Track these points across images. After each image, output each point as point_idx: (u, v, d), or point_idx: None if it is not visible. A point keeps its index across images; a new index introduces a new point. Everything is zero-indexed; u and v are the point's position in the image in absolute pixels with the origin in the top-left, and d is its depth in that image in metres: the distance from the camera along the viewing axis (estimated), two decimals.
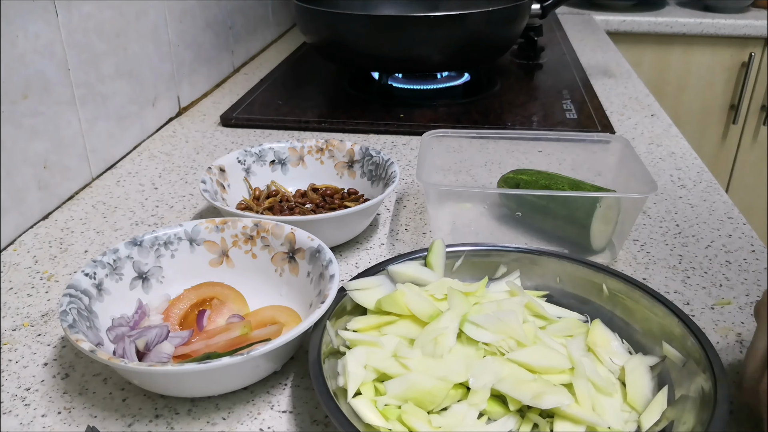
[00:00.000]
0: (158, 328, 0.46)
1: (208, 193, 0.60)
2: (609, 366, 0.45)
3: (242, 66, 1.20)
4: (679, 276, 0.57)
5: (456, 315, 0.45)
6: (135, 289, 0.50)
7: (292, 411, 0.43)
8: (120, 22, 0.78)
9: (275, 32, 1.38)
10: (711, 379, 0.39)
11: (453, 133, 0.70)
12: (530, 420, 0.41)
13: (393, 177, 0.63)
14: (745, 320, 0.52)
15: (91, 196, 0.72)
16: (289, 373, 0.46)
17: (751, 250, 0.61)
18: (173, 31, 0.92)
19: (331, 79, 1.11)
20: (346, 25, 0.92)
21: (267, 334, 0.46)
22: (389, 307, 0.47)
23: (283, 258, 0.52)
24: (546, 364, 0.42)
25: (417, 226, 0.66)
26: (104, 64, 0.76)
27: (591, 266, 0.50)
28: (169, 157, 0.82)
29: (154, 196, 0.72)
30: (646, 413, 0.41)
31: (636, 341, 0.47)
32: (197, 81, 1.02)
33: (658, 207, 0.69)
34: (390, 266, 0.50)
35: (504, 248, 0.53)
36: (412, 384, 0.41)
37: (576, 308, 0.50)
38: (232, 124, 0.92)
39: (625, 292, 0.48)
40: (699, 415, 0.38)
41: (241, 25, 1.18)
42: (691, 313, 0.53)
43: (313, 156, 0.71)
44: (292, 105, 0.98)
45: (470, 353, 0.44)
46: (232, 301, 0.51)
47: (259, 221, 0.54)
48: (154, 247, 0.52)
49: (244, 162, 0.68)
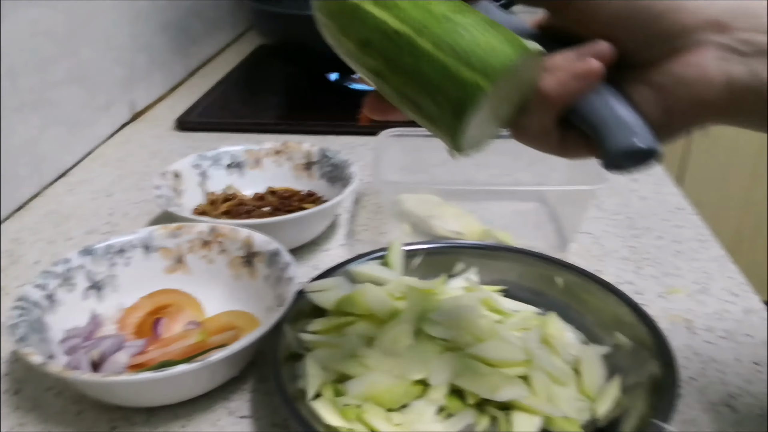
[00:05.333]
0: (113, 338, 0.45)
1: (163, 198, 0.60)
2: (564, 357, 0.45)
3: (198, 69, 1.18)
4: (631, 267, 0.59)
5: (414, 313, 0.45)
6: (88, 299, 0.50)
7: (252, 416, 0.43)
8: (70, 25, 0.77)
9: (231, 34, 1.37)
10: (661, 365, 0.40)
11: (409, 131, 0.70)
12: (488, 413, 0.41)
13: (351, 178, 0.63)
14: (695, 307, 0.53)
15: (42, 205, 0.71)
16: (249, 378, 0.46)
17: (699, 240, 0.63)
18: (126, 35, 0.91)
19: (289, 81, 1.10)
20: (304, 27, 0.91)
21: (224, 339, 0.45)
22: (348, 308, 0.47)
23: (240, 262, 0.52)
24: (503, 358, 0.43)
25: (376, 226, 0.66)
26: (54, 68, 0.74)
27: (546, 260, 0.51)
28: (124, 164, 0.81)
29: (108, 204, 0.71)
30: (600, 401, 0.42)
31: (590, 331, 0.48)
32: (152, 85, 1.00)
33: (611, 200, 0.71)
34: (349, 267, 0.51)
35: (461, 245, 0.54)
36: (372, 383, 0.41)
37: (532, 302, 0.51)
38: (187, 129, 0.91)
39: (579, 284, 0.49)
40: (650, 400, 0.39)
41: (196, 27, 1.16)
42: (643, 302, 0.54)
43: (270, 158, 0.70)
44: (249, 108, 0.97)
45: (429, 350, 0.44)
46: (189, 307, 0.50)
47: (215, 226, 0.53)
48: (108, 255, 0.51)
49: (200, 166, 0.67)
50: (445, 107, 0.30)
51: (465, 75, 0.29)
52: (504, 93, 0.31)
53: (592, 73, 0.31)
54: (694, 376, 0.46)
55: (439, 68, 0.29)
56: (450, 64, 0.29)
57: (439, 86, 0.29)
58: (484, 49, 0.29)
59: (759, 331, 0.51)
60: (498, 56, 0.29)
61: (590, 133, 0.32)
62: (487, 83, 0.29)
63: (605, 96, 0.32)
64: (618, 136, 0.31)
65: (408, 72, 0.30)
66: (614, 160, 0.32)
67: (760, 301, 0.54)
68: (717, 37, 0.30)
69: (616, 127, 0.31)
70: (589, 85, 0.31)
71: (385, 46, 0.30)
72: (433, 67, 0.29)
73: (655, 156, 0.31)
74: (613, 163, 0.32)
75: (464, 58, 0.29)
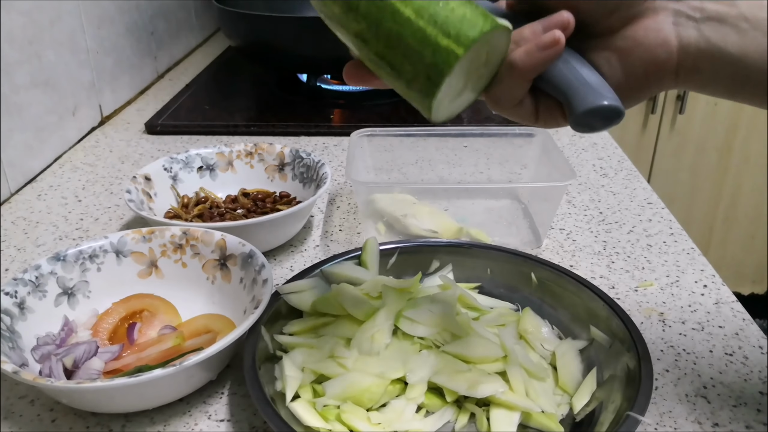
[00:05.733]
0: (86, 345, 0.45)
1: (134, 203, 0.59)
2: (540, 352, 0.46)
3: (166, 72, 1.17)
4: (604, 261, 0.60)
5: (391, 312, 0.45)
6: (60, 306, 0.49)
7: (230, 419, 0.43)
8: (32, 29, 0.75)
9: (199, 36, 1.35)
10: (635, 358, 0.41)
11: (381, 131, 0.70)
12: (467, 410, 0.42)
13: (324, 178, 0.63)
14: (667, 300, 0.54)
15: (10, 212, 0.69)
16: (226, 381, 0.46)
17: (670, 233, 0.64)
18: (91, 38, 0.89)
19: (259, 82, 1.10)
20: (272, 28, 0.91)
21: (200, 343, 0.45)
22: (325, 309, 0.47)
23: (214, 265, 0.52)
24: (480, 354, 0.43)
25: (351, 225, 0.66)
26: (17, 73, 0.73)
27: (520, 256, 0.52)
28: (93, 168, 0.80)
29: (78, 209, 0.70)
30: (577, 395, 0.42)
31: (565, 326, 0.48)
32: (119, 88, 0.99)
33: (582, 196, 0.72)
34: (324, 267, 0.50)
35: (436, 243, 0.54)
36: (350, 383, 0.41)
37: (507, 298, 0.51)
38: (157, 132, 0.90)
39: (553, 280, 0.50)
40: (625, 393, 0.39)
41: (163, 30, 1.15)
42: (616, 296, 0.55)
43: (242, 160, 0.70)
44: (220, 110, 0.97)
45: (406, 348, 0.44)
46: (163, 312, 0.49)
47: (188, 229, 0.53)
48: (79, 261, 0.50)
49: (171, 169, 0.66)
50: (421, 71, 0.32)
51: (441, 42, 0.32)
52: (476, 62, 0.33)
53: (555, 43, 0.33)
54: (668, 368, 0.47)
55: (419, 34, 0.32)
56: (429, 31, 0.32)
57: (418, 51, 0.32)
58: (461, 20, 0.32)
59: (730, 323, 0.52)
60: (472, 27, 0.32)
61: (559, 97, 0.35)
62: (461, 50, 0.32)
63: (571, 63, 0.34)
64: (584, 96, 0.33)
65: (389, 36, 0.32)
66: (582, 118, 0.34)
67: (731, 293, 0.55)
68: (672, 3, 0.33)
69: (582, 88, 0.34)
70: (554, 53, 0.34)
71: (369, 10, 0.32)
72: (413, 33, 0.32)
73: (620, 114, 0.34)
74: (581, 122, 0.34)
75: (442, 26, 0.32)
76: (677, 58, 0.34)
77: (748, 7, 0.32)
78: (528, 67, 0.34)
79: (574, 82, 0.34)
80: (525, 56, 0.34)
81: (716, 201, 1.79)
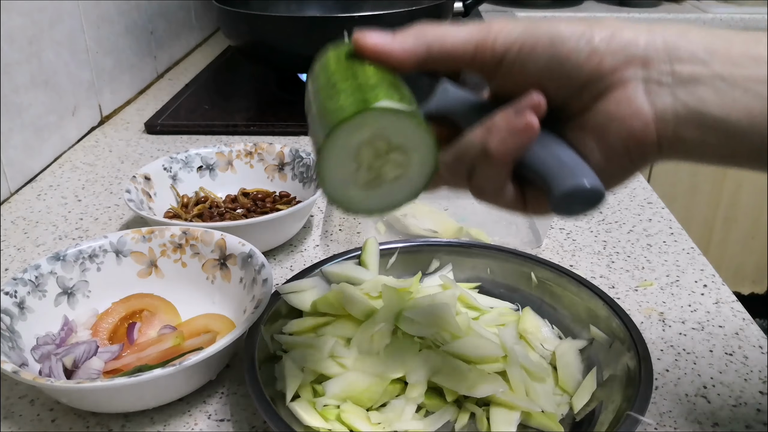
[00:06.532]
0: (86, 344, 0.45)
1: (134, 202, 0.59)
2: (540, 352, 0.46)
3: (166, 71, 1.17)
4: (603, 261, 0.60)
5: (391, 311, 0.45)
6: (60, 306, 0.49)
7: (230, 419, 0.43)
8: (32, 29, 0.75)
9: (199, 36, 1.35)
10: (635, 358, 0.41)
11: None
12: (467, 410, 0.42)
13: None
14: (667, 300, 0.54)
15: (10, 212, 0.69)
16: (225, 381, 0.46)
17: (670, 233, 0.64)
18: (91, 38, 0.89)
19: (258, 81, 1.09)
20: (270, 28, 0.91)
21: (200, 343, 0.45)
22: (324, 308, 0.47)
23: (214, 265, 0.52)
24: (480, 354, 0.43)
25: (351, 225, 0.66)
26: (17, 73, 0.73)
27: (520, 256, 0.52)
28: (93, 168, 0.80)
29: (77, 209, 0.70)
30: (577, 395, 0.42)
31: (565, 326, 0.48)
32: (119, 88, 0.99)
33: None
34: (324, 267, 0.50)
35: (436, 243, 0.54)
36: (350, 383, 0.41)
37: (507, 297, 0.51)
38: (157, 131, 0.90)
39: (553, 280, 0.50)
40: (625, 393, 0.39)
41: (163, 29, 1.15)
42: (616, 295, 0.55)
43: (242, 160, 0.70)
44: (219, 109, 0.96)
45: (406, 348, 0.44)
46: (163, 311, 0.49)
47: (188, 229, 0.53)
48: (79, 261, 0.50)
49: (170, 169, 0.66)
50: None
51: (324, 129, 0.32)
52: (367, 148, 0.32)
53: (529, 127, 0.32)
54: (668, 368, 0.47)
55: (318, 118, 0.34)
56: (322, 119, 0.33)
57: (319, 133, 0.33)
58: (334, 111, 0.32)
59: (730, 322, 0.52)
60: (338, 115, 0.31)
61: (539, 181, 0.34)
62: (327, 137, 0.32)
63: (549, 145, 0.33)
64: (563, 179, 0.32)
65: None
66: (561, 202, 0.33)
67: (731, 293, 0.55)
68: (641, 72, 0.31)
69: (561, 171, 0.33)
70: (528, 138, 0.32)
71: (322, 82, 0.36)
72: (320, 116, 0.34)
73: (601, 196, 0.33)
74: (561, 205, 0.33)
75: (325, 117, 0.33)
76: (655, 127, 0.31)
77: (722, 66, 0.30)
78: (503, 154, 0.32)
79: (551, 164, 0.33)
80: (499, 144, 0.32)
81: (716, 201, 1.79)
